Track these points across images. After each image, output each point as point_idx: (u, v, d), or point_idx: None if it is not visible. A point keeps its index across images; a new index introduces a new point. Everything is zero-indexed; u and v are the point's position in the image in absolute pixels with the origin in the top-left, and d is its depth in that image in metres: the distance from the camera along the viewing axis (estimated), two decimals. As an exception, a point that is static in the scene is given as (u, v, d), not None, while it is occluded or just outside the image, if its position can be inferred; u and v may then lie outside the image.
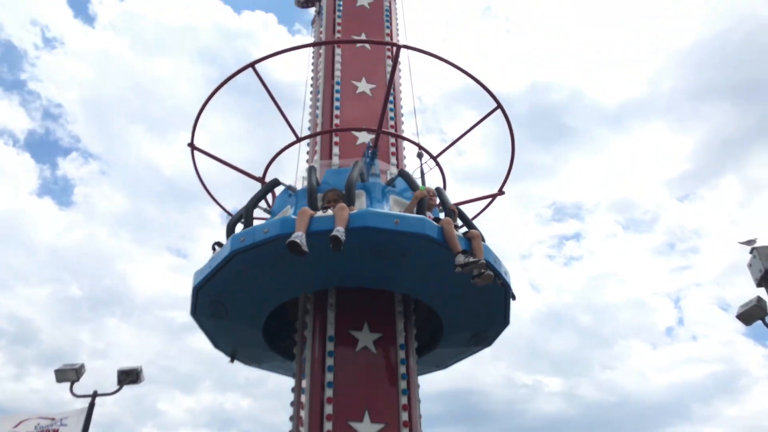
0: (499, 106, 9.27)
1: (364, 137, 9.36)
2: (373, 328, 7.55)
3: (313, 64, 11.02)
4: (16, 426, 9.62)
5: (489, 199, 10.29)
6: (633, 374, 39.04)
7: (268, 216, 8.91)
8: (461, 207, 9.06)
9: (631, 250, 46.20)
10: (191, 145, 9.52)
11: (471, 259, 6.74)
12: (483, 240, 7.46)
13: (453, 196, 9.31)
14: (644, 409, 36.69)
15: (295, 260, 6.75)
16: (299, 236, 6.45)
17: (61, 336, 37.07)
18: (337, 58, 10.25)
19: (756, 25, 37.81)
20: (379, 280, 7.66)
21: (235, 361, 9.28)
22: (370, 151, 8.80)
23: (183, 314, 42.86)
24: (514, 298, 8.14)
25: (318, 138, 9.69)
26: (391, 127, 9.80)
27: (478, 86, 9.00)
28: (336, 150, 9.36)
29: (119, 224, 42.44)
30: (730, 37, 39.05)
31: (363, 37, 10.64)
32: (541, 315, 40.25)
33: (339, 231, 6.47)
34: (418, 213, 7.48)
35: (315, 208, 7.36)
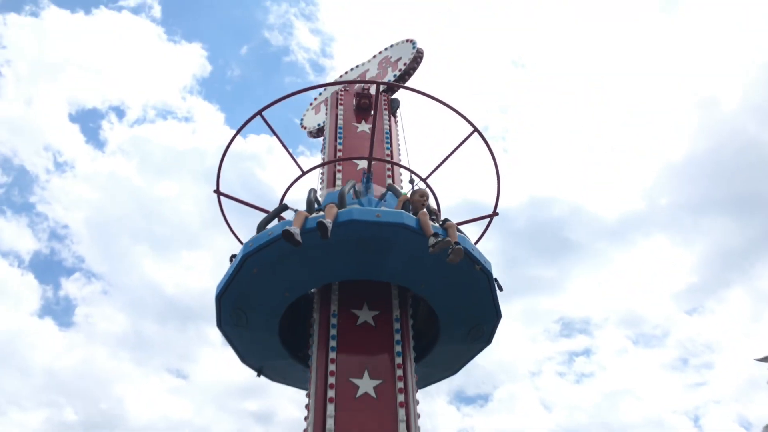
0: (476, 129, 10.66)
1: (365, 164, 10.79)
2: (372, 307, 8.76)
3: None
4: None
5: (487, 219, 11.24)
6: None
7: None
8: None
9: (644, 366, 44.22)
10: (217, 191, 10.85)
11: (441, 239, 7.87)
12: (459, 231, 8.62)
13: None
14: None
15: (299, 258, 8.13)
16: (294, 229, 7.76)
17: None
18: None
19: (747, 141, 38.51)
20: (373, 272, 8.75)
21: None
22: (365, 177, 10.24)
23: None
24: (500, 288, 8.97)
25: (325, 169, 11.17)
26: (387, 155, 11.26)
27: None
28: (339, 176, 10.82)
29: (119, 344, 41.34)
30: (723, 152, 39.86)
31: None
32: None
33: (327, 221, 7.75)
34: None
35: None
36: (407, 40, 14.19)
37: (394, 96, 12.94)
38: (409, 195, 9.22)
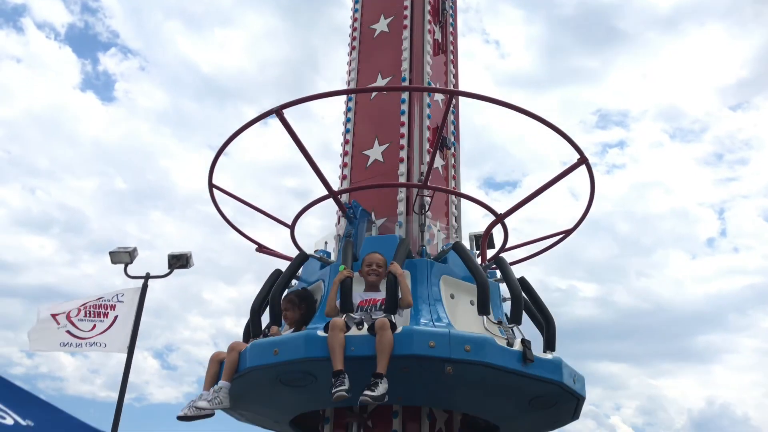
0: (584, 160, 7.25)
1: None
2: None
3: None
4: (80, 305, 10.29)
5: (558, 237, 8.44)
6: (670, 283, 40.09)
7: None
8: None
9: (677, 160, 45.38)
10: (211, 184, 8.06)
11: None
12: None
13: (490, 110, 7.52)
14: (679, 317, 38.72)
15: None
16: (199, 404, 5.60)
17: (109, 226, 39.71)
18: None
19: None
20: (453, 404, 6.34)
21: None
22: (424, 213, 7.18)
23: (224, 209, 41.97)
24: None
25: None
26: (453, 177, 8.09)
27: None
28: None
29: (160, 120, 44.00)
30: None
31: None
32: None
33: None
34: (341, 300, 5.81)
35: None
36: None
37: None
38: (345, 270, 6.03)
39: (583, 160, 6.94)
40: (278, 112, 6.34)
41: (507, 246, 8.27)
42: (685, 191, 44.21)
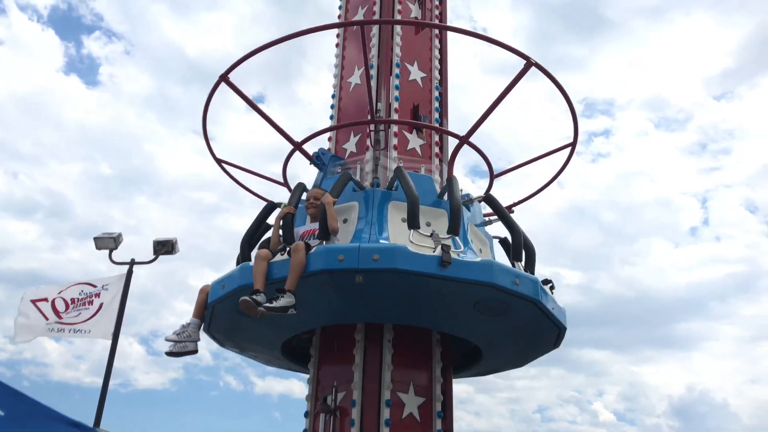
0: (532, 63, 7.10)
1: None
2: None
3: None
4: (61, 292, 10.24)
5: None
6: (653, 271, 39.56)
7: None
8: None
9: (661, 149, 44.61)
10: (217, 159, 8.66)
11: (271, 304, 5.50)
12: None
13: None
14: (661, 304, 37.77)
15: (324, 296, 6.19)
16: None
17: (94, 212, 38.30)
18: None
19: None
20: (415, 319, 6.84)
21: None
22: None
23: (211, 195, 41.94)
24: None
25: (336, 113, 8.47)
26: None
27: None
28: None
29: (145, 105, 42.37)
30: None
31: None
32: (564, 210, 39.24)
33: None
34: (283, 234, 6.36)
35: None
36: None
37: None
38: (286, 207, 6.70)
39: (530, 63, 7.04)
40: (224, 77, 6.97)
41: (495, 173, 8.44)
42: (668, 180, 43.86)
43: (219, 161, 8.75)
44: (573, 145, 8.45)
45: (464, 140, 7.63)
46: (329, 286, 5.90)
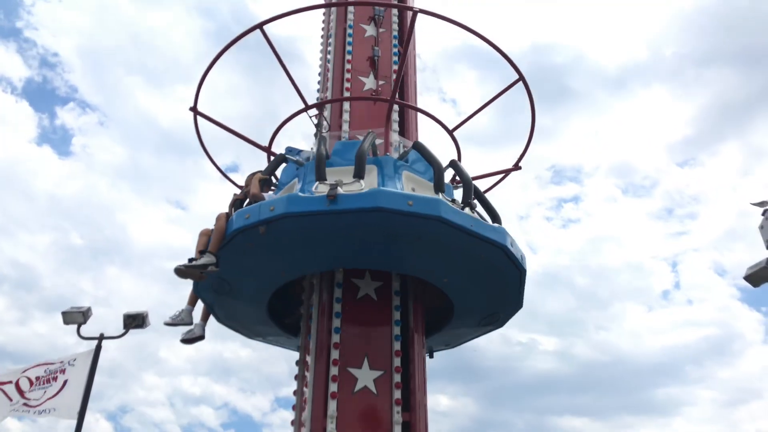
0: (521, 78, 8.30)
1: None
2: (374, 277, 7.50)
3: (323, 27, 10.33)
4: (24, 372, 10.08)
5: (502, 174, 9.51)
6: (627, 335, 40.07)
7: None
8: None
9: (630, 214, 46.47)
10: (194, 109, 9.30)
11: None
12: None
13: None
14: (637, 369, 37.71)
15: (301, 240, 6.85)
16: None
17: (63, 283, 37.56)
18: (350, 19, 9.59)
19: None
20: (386, 263, 7.40)
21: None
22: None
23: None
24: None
25: (328, 107, 9.16)
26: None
27: (480, 44, 8.00)
28: (346, 117, 8.85)
29: (118, 175, 42.29)
30: (735, 3, 38.67)
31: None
32: (538, 276, 37.60)
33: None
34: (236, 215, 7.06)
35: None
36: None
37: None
38: None
39: (520, 77, 7.60)
40: (260, 27, 7.85)
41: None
42: (638, 245, 44.97)
43: (196, 112, 9.35)
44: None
45: (450, 133, 8.54)
46: (263, 231, 6.54)
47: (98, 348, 10.27)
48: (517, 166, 9.47)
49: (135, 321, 10.65)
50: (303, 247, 6.93)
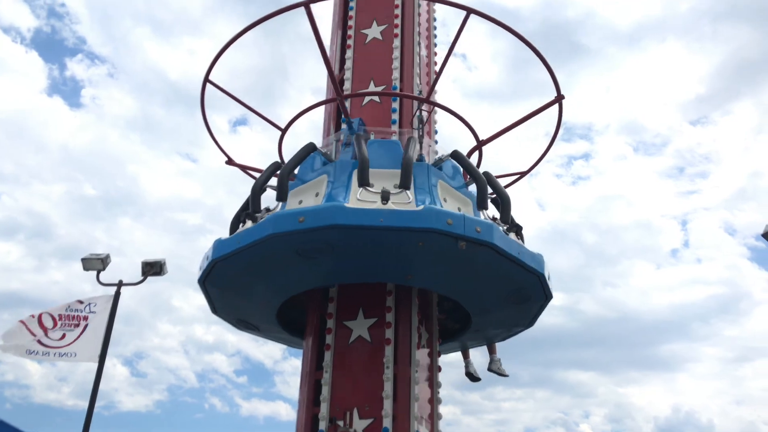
0: (560, 97, 8.27)
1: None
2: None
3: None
4: (53, 314, 10.19)
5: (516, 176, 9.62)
6: (635, 292, 40.63)
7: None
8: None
9: (640, 173, 46.01)
10: (206, 79, 8.86)
11: None
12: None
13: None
14: (643, 325, 38.93)
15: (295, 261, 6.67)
16: None
17: (78, 232, 39.53)
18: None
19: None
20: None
21: None
22: (420, 126, 8.05)
23: (194, 217, 43.45)
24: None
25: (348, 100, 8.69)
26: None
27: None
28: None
29: (129, 127, 43.34)
30: None
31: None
32: (546, 233, 39.57)
33: None
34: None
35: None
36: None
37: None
38: None
39: (559, 97, 7.39)
40: (306, 5, 7.27)
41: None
42: (648, 203, 45.30)
43: (208, 81, 8.94)
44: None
45: (481, 145, 8.42)
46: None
47: (117, 294, 10.51)
48: (527, 172, 9.64)
49: (153, 268, 10.87)
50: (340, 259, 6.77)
